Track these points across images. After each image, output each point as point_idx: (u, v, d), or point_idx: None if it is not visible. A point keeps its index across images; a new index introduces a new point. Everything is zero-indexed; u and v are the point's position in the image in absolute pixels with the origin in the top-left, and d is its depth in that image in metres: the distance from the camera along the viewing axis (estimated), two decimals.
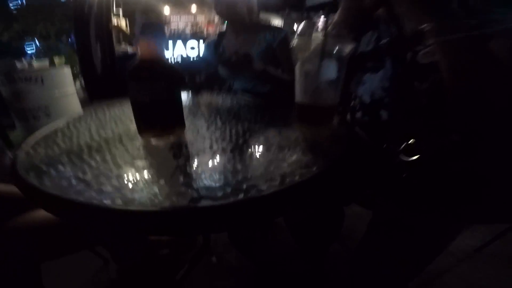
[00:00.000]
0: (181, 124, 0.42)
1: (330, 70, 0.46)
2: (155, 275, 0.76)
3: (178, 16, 7.20)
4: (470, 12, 0.49)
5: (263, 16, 7.63)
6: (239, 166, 0.33)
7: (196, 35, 5.39)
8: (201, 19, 7.01)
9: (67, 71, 2.45)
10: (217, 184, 0.29)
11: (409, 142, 0.56)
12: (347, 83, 0.72)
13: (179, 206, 0.26)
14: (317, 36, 0.49)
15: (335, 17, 0.62)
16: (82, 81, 4.93)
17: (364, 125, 0.69)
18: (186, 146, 0.40)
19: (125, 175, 0.32)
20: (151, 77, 0.36)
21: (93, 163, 0.35)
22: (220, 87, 1.11)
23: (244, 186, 0.28)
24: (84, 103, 3.00)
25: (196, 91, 0.88)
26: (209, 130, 0.46)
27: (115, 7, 6.14)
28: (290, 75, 0.54)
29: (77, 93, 2.66)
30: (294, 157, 0.35)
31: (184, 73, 0.91)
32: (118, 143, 0.41)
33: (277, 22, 8.41)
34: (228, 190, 0.28)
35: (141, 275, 0.75)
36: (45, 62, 2.63)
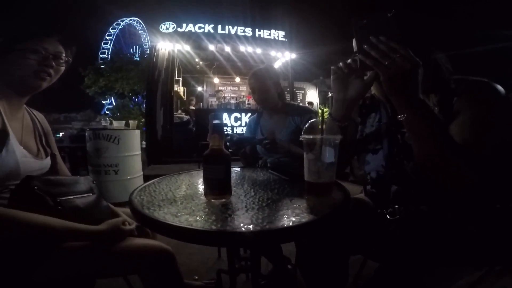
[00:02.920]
0: (229, 191, 0.67)
1: (327, 156, 0.66)
2: None
3: (225, 87, 8.37)
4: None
5: (297, 84, 8.47)
6: (261, 215, 0.55)
7: (239, 106, 6.16)
8: (244, 89, 8.05)
9: (137, 135, 2.93)
10: (246, 221, 0.52)
11: (395, 207, 0.72)
12: (358, 160, 0.92)
13: (224, 230, 0.50)
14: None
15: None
16: (144, 144, 5.64)
17: (372, 195, 0.89)
18: (231, 204, 0.63)
19: (197, 215, 0.56)
20: (217, 162, 0.63)
21: (178, 205, 0.61)
22: (259, 160, 1.40)
23: (263, 223, 0.50)
24: (144, 163, 3.46)
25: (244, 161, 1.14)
26: (246, 195, 0.70)
27: (177, 76, 7.09)
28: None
29: None
30: (298, 211, 0.56)
31: (234, 145, 1.21)
32: (191, 199, 0.67)
33: (311, 89, 9.18)
34: (251, 225, 0.50)
35: None
36: (122, 123, 3.10)
